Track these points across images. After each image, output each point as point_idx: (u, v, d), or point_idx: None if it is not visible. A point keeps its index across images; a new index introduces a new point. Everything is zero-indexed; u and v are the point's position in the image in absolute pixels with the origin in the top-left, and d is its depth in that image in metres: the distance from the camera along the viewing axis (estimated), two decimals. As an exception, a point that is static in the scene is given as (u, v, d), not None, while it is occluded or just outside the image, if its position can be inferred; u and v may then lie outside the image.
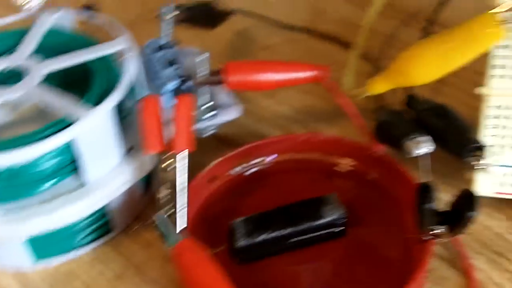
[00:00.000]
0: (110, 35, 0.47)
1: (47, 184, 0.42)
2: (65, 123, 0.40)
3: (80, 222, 0.44)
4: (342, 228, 0.42)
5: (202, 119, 0.48)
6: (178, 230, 0.40)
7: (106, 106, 0.41)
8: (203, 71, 0.47)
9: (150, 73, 0.50)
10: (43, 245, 0.43)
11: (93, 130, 0.41)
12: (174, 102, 0.42)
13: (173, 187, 0.41)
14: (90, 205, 0.42)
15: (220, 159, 0.46)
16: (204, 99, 0.48)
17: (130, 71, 0.44)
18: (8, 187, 0.41)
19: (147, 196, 0.48)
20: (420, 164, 0.41)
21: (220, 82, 0.48)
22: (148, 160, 0.45)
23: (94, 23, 0.49)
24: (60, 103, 0.41)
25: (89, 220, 0.44)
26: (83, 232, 0.44)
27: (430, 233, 0.38)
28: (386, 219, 0.44)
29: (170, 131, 0.42)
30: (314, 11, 0.69)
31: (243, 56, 0.63)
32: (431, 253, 0.39)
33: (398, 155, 0.44)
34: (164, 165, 0.41)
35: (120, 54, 0.46)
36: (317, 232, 0.42)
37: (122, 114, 0.45)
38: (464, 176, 0.45)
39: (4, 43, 0.48)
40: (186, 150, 0.41)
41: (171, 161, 0.41)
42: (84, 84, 0.44)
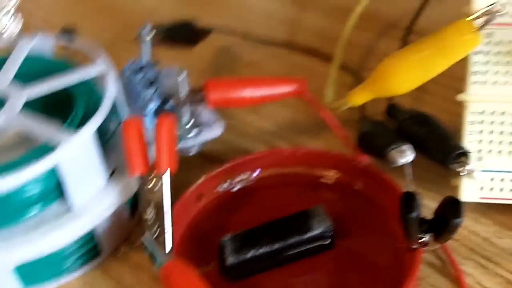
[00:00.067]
0: (89, 58, 0.47)
1: (33, 211, 0.42)
2: (47, 149, 0.39)
3: (67, 247, 0.43)
4: (330, 240, 0.42)
5: (185, 138, 0.48)
6: (166, 250, 0.40)
7: (87, 129, 0.41)
8: (184, 90, 0.47)
9: (131, 94, 0.50)
10: (31, 272, 0.43)
11: (76, 154, 0.41)
12: (155, 123, 0.42)
13: (159, 208, 0.40)
14: (77, 230, 0.42)
15: (206, 177, 0.46)
16: (186, 118, 0.48)
17: (111, 93, 0.44)
18: (-8, 216, 0.41)
19: (135, 217, 0.47)
20: (406, 172, 0.41)
21: (201, 100, 0.48)
22: (133, 181, 0.45)
23: (73, 47, 0.49)
24: (42, 129, 0.41)
25: (76, 245, 0.44)
26: (71, 257, 0.44)
27: (418, 241, 0.38)
28: (374, 229, 0.44)
29: (154, 152, 0.42)
30: (292, 26, 0.69)
31: (226, 73, 0.63)
32: (420, 261, 0.39)
33: (382, 165, 0.44)
34: (149, 186, 0.41)
35: (100, 77, 0.46)
36: (306, 245, 0.42)
37: (105, 137, 0.45)
38: (448, 182, 0.45)
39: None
40: (168, 171, 0.41)
41: (155, 182, 0.41)
42: (65, 108, 0.44)
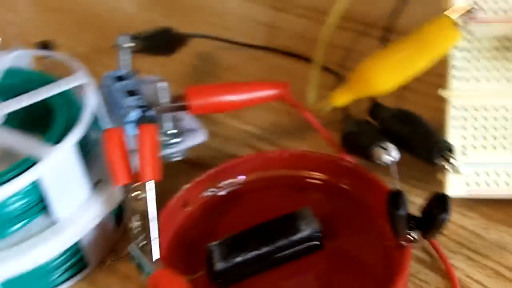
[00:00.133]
0: (68, 71, 0.47)
1: (17, 225, 0.41)
2: (29, 163, 0.39)
3: (53, 261, 0.43)
4: (319, 241, 0.42)
5: (168, 146, 0.48)
6: (153, 259, 0.39)
7: (68, 142, 0.41)
8: (165, 98, 0.47)
9: (111, 104, 0.49)
10: (18, 286, 0.42)
11: (58, 168, 0.40)
12: (137, 132, 0.42)
13: (144, 217, 0.40)
14: (62, 243, 0.42)
15: (191, 183, 0.46)
16: (168, 126, 0.48)
17: (91, 105, 0.44)
18: (-24, 232, 0.40)
19: (120, 227, 0.47)
20: (391, 170, 0.41)
21: (182, 108, 0.48)
22: (117, 192, 0.44)
23: (51, 60, 0.49)
24: (22, 143, 0.41)
25: (62, 257, 0.43)
26: (58, 270, 0.43)
27: (406, 238, 0.38)
28: (362, 228, 0.44)
29: (137, 161, 0.41)
30: (271, 29, 0.69)
31: (207, 78, 0.63)
32: (409, 257, 0.39)
33: (367, 164, 0.44)
34: (133, 195, 0.41)
35: (79, 88, 0.45)
36: (294, 247, 0.42)
37: (87, 148, 0.45)
38: (434, 179, 0.45)
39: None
40: (153, 180, 0.41)
41: (140, 191, 0.41)
42: (46, 121, 0.44)
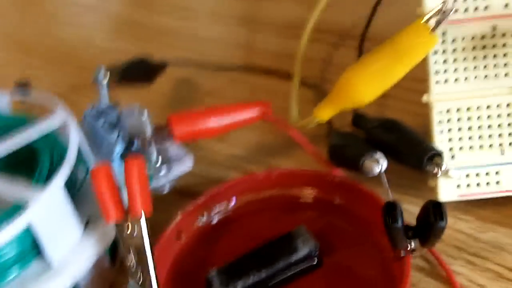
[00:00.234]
0: (48, 110, 0.46)
1: (12, 273, 0.40)
2: (18, 209, 0.38)
3: (51, 306, 0.42)
4: (317, 258, 0.42)
5: (156, 177, 0.47)
6: (153, 295, 0.39)
7: (56, 183, 0.40)
8: (148, 129, 0.47)
9: (95, 140, 0.49)
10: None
11: (47, 210, 0.40)
12: (124, 166, 0.41)
13: (140, 253, 0.40)
14: (59, 286, 0.41)
15: (182, 214, 0.45)
16: (154, 156, 0.47)
17: (74, 143, 0.43)
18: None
19: (116, 265, 0.46)
20: (382, 181, 0.41)
21: (167, 137, 0.47)
22: (109, 229, 0.44)
23: (30, 101, 0.48)
24: (8, 189, 0.40)
25: (60, 301, 0.42)
26: (56, 314, 0.43)
27: (405, 249, 0.38)
28: (359, 242, 0.44)
29: (127, 196, 0.41)
30: (245, 49, 0.69)
31: (187, 105, 0.62)
32: (410, 268, 0.39)
33: (356, 176, 0.44)
34: (127, 232, 0.40)
35: (61, 127, 0.45)
36: (294, 267, 0.42)
37: (75, 187, 0.44)
38: (425, 185, 0.45)
39: None
40: (144, 214, 0.40)
41: (132, 226, 0.40)
42: (30, 163, 0.43)
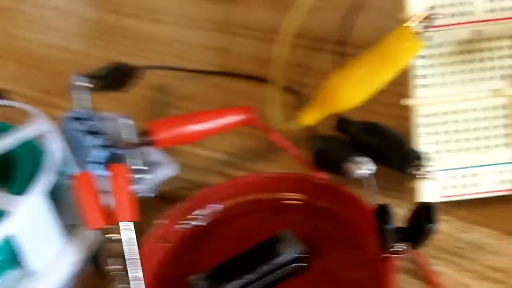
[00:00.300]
0: (26, 119, 0.46)
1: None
2: (-1, 218, 0.38)
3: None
4: (303, 262, 0.42)
5: (139, 183, 0.47)
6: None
7: (36, 192, 0.40)
8: (129, 135, 0.46)
9: (75, 145, 0.48)
10: None
11: (28, 219, 0.39)
12: (107, 173, 0.41)
13: (123, 258, 0.39)
14: (41, 295, 0.41)
15: (166, 218, 0.45)
16: (136, 163, 0.47)
17: (54, 150, 0.43)
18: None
19: (99, 271, 0.46)
20: (364, 183, 0.41)
21: (148, 143, 0.47)
22: (92, 235, 0.43)
23: (8, 109, 0.48)
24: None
25: (43, 310, 0.42)
26: (39, 324, 0.42)
27: (392, 250, 0.38)
28: (345, 244, 0.44)
29: (108, 201, 0.40)
30: (223, 53, 0.69)
31: (166, 110, 0.62)
32: (397, 269, 0.39)
33: (340, 180, 0.44)
34: (109, 237, 0.40)
35: (40, 135, 0.44)
36: (280, 270, 0.42)
37: (55, 195, 0.43)
38: (407, 187, 0.46)
39: None
40: (129, 220, 0.40)
41: (116, 232, 0.40)
42: (7, 171, 0.42)
